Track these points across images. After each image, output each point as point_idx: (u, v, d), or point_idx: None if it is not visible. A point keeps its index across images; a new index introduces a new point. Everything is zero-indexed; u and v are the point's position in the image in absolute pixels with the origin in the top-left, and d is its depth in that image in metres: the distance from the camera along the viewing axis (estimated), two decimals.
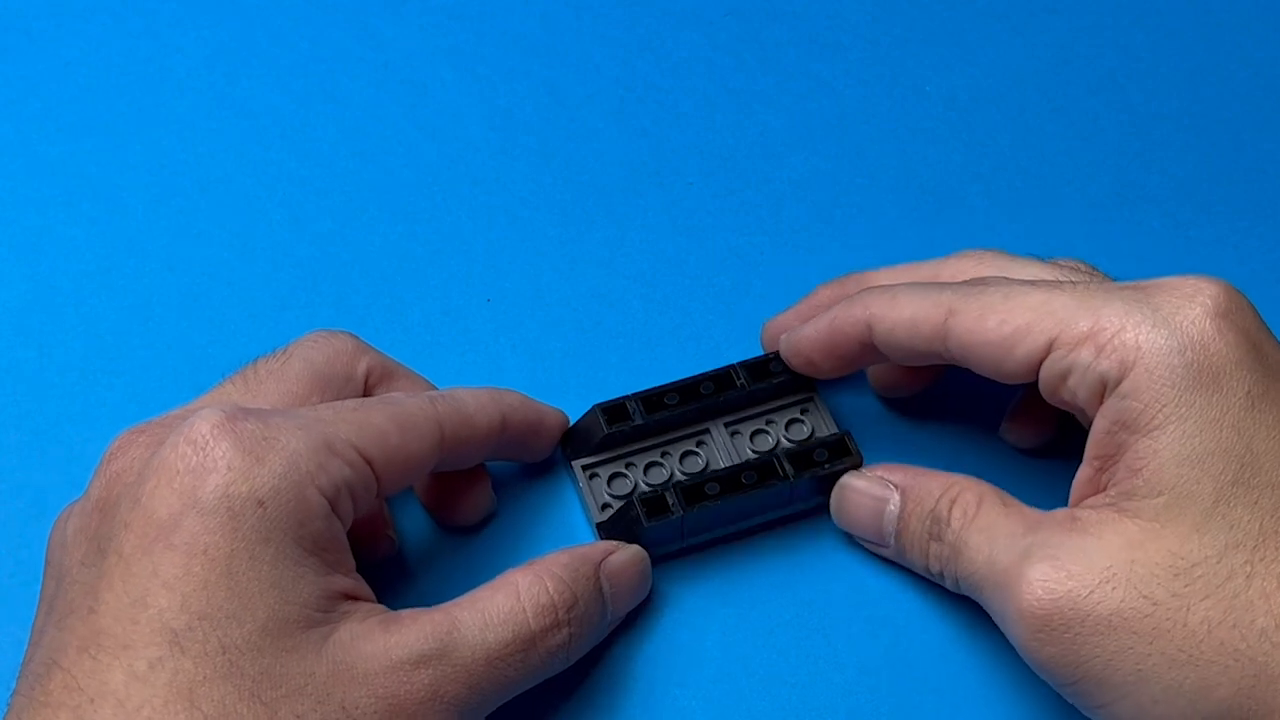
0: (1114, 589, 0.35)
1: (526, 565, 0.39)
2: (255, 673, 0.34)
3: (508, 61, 0.54)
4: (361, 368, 0.41)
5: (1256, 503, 0.35)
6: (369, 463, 0.37)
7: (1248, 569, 0.34)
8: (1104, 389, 0.36)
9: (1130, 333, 0.36)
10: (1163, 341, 0.36)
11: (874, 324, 0.40)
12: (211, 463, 0.35)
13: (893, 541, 0.41)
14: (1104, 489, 0.37)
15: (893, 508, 0.41)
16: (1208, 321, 0.36)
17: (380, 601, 0.37)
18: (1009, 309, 0.38)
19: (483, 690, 0.36)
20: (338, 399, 0.40)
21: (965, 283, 0.40)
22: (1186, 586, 0.34)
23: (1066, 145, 0.53)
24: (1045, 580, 0.35)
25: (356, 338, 0.42)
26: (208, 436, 0.35)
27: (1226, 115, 0.53)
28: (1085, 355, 0.36)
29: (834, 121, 0.53)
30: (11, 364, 0.47)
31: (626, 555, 0.41)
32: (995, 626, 0.39)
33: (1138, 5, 0.56)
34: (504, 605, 0.37)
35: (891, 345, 0.40)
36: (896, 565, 0.43)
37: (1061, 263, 0.43)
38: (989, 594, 0.38)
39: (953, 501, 0.39)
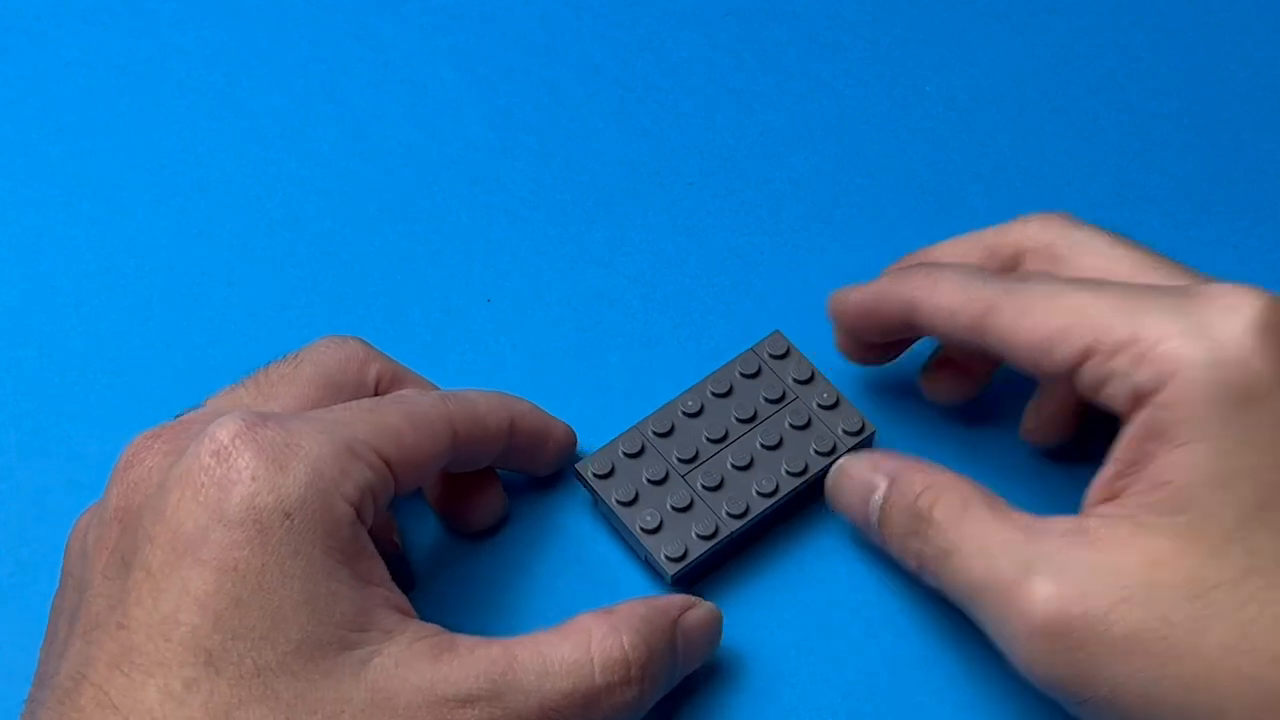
0: (1131, 609, 0.34)
1: (602, 612, 0.38)
2: (290, 697, 0.33)
3: (508, 61, 0.54)
4: (372, 373, 0.41)
5: (1278, 527, 0.34)
6: (387, 463, 0.37)
7: (1264, 595, 0.34)
8: (1139, 399, 0.36)
9: (1170, 344, 0.35)
10: (1202, 356, 0.35)
11: (915, 306, 0.40)
12: (235, 473, 0.34)
13: (875, 530, 0.41)
14: (1120, 495, 0.36)
15: (878, 496, 0.40)
16: (1249, 338, 0.35)
17: None
18: (1048, 310, 0.37)
19: None
20: None
21: (1010, 276, 0.39)
22: (1204, 610, 0.34)
23: (1066, 145, 0.53)
24: (1058, 598, 0.35)
25: (367, 343, 0.42)
26: (229, 445, 0.34)
27: (1226, 115, 0.53)
28: (1123, 364, 0.36)
29: (834, 121, 0.53)
30: (11, 364, 0.47)
31: (704, 612, 0.40)
32: None
33: (1138, 5, 0.56)
34: (570, 654, 0.36)
35: (932, 329, 0.40)
36: (897, 565, 0.42)
37: (1126, 243, 0.41)
38: (985, 606, 0.37)
39: (934, 500, 0.38)
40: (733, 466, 0.43)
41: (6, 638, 0.42)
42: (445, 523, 0.44)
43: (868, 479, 0.41)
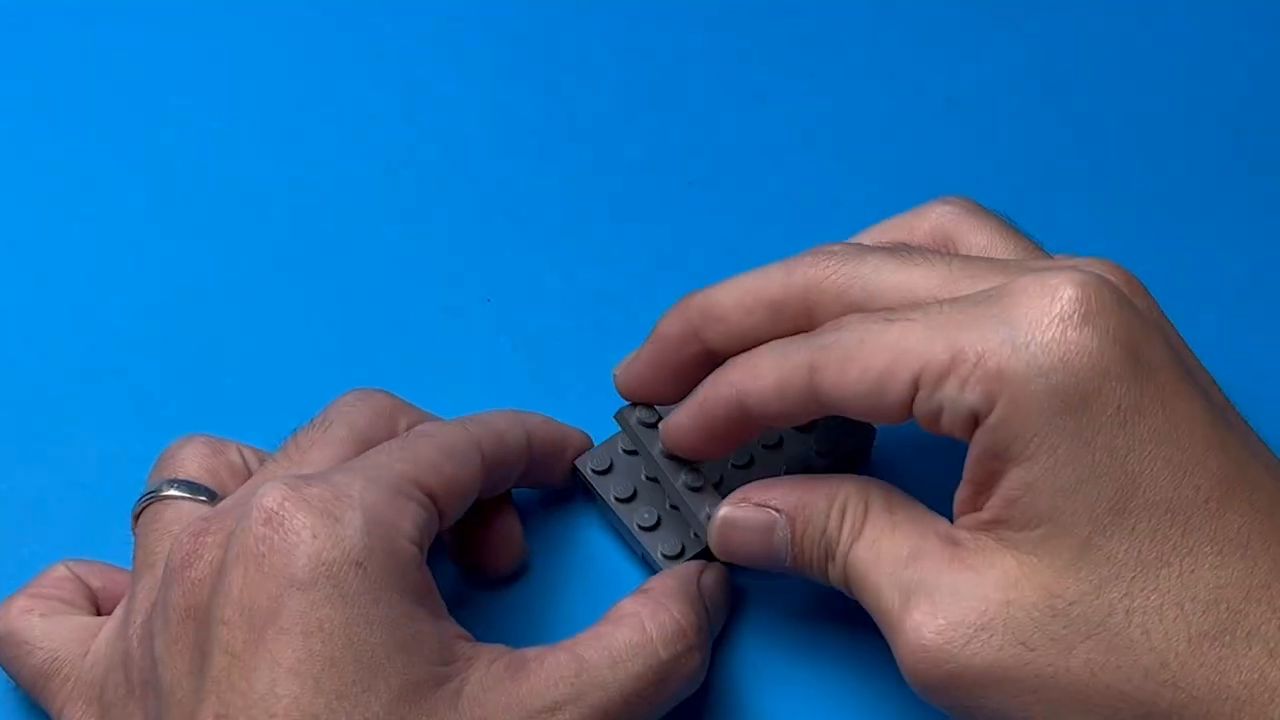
0: (990, 637, 0.33)
1: (639, 594, 0.39)
2: None
3: (508, 61, 0.54)
4: (402, 426, 0.40)
5: (1134, 529, 0.33)
6: (431, 497, 0.37)
7: (1127, 603, 0.32)
8: (975, 420, 0.34)
9: (990, 360, 0.33)
10: (1022, 367, 0.33)
11: (743, 400, 0.38)
12: (295, 536, 0.34)
13: (788, 567, 0.39)
14: (980, 510, 0.35)
15: (781, 533, 0.38)
16: (1067, 332, 0.33)
17: None
18: (866, 355, 0.35)
19: None
20: None
21: (825, 329, 0.37)
22: (1065, 628, 0.33)
23: (1066, 145, 0.53)
24: (923, 628, 0.34)
25: (393, 395, 0.41)
26: (279, 511, 0.34)
27: (1226, 115, 0.53)
28: (951, 390, 0.34)
29: (834, 121, 0.53)
30: (11, 364, 0.47)
31: (716, 573, 0.41)
32: None
33: (1138, 5, 0.56)
34: (630, 638, 0.37)
35: (771, 416, 0.38)
36: None
37: (1014, 237, 0.41)
38: (882, 630, 0.36)
39: (842, 513, 0.37)
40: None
41: None
42: (466, 571, 0.43)
43: (761, 522, 0.39)
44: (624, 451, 0.43)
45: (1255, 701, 0.31)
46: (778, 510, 0.38)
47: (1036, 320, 0.33)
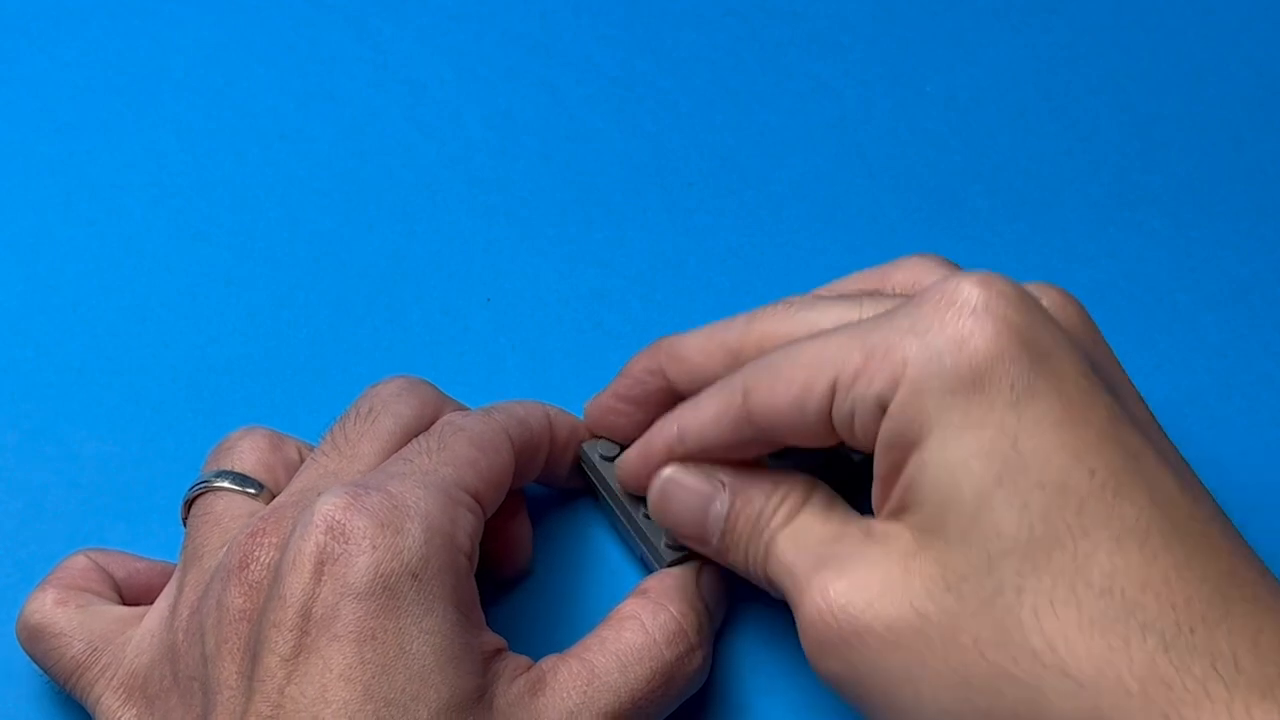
0: (890, 602, 0.33)
1: (638, 595, 0.39)
2: None
3: (508, 61, 0.54)
4: (442, 417, 0.40)
5: (1025, 505, 0.32)
6: (476, 498, 0.37)
7: (1018, 581, 0.32)
8: (882, 413, 0.34)
9: (895, 351, 0.34)
10: (923, 352, 0.33)
11: (683, 434, 0.39)
12: (355, 546, 0.34)
13: (715, 542, 0.39)
14: (888, 501, 0.35)
15: (719, 506, 0.38)
16: (964, 320, 0.33)
17: None
18: (790, 369, 0.36)
19: None
20: None
21: (759, 358, 0.38)
22: (957, 602, 0.32)
23: (1066, 145, 0.53)
24: (827, 591, 0.34)
25: (433, 385, 0.41)
26: (341, 520, 0.34)
27: (1226, 115, 0.53)
28: (861, 387, 0.34)
29: (834, 121, 0.53)
30: (11, 364, 0.47)
31: (715, 571, 0.41)
32: None
33: (1138, 5, 0.56)
34: (634, 640, 0.37)
35: (709, 447, 0.38)
36: None
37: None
38: (790, 604, 0.36)
39: (781, 500, 0.37)
40: None
41: (6, 638, 0.42)
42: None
43: (705, 489, 0.39)
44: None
45: (1146, 695, 0.30)
46: (724, 483, 0.39)
47: (939, 313, 0.34)
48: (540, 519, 0.44)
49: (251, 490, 0.39)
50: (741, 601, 0.43)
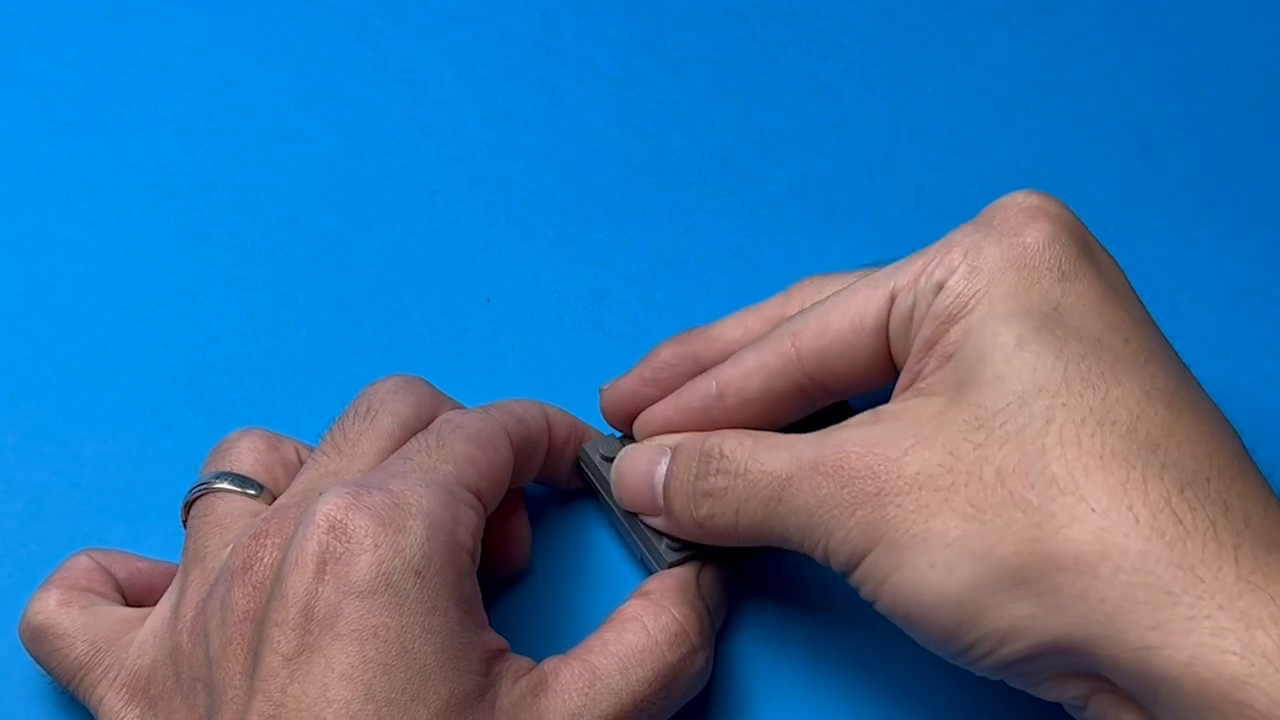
0: (924, 449, 0.34)
1: (639, 597, 0.39)
2: None
3: (508, 61, 0.54)
4: (439, 415, 0.40)
5: (1061, 350, 0.34)
6: (477, 495, 0.37)
7: (1049, 413, 0.33)
8: (938, 294, 0.36)
9: (957, 245, 0.36)
10: (983, 239, 0.36)
11: (722, 388, 0.39)
12: (357, 545, 0.34)
13: (662, 502, 0.39)
14: (916, 381, 0.36)
15: (662, 467, 0.39)
16: (1020, 215, 0.36)
17: None
18: (846, 301, 0.38)
19: None
20: None
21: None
22: (987, 436, 0.33)
23: (1066, 145, 0.53)
24: (855, 441, 0.35)
25: (430, 383, 0.41)
26: (343, 519, 0.34)
27: (1226, 115, 0.53)
28: (923, 280, 0.36)
29: (834, 121, 0.53)
30: (11, 364, 0.47)
31: (713, 571, 0.41)
32: None
33: (1138, 5, 0.56)
34: (636, 643, 0.37)
35: (749, 400, 0.39)
36: None
37: None
38: (789, 493, 0.36)
39: (724, 438, 0.38)
40: None
41: (6, 639, 0.42)
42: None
43: (651, 455, 0.40)
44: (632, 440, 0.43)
45: (1155, 526, 0.31)
46: (670, 448, 0.40)
47: (997, 212, 0.37)
48: (540, 519, 0.44)
49: (251, 491, 0.39)
50: (742, 602, 0.43)
